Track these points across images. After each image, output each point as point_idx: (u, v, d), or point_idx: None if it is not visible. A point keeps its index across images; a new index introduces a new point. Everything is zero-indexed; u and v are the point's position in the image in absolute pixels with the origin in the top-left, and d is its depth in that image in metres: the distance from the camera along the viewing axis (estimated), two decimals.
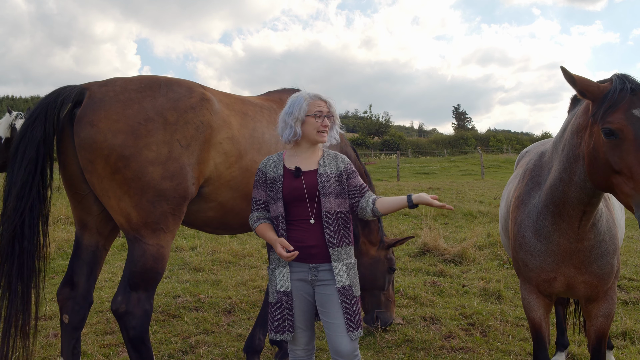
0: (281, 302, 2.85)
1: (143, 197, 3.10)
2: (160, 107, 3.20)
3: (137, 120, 3.11)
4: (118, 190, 3.09)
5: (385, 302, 4.97)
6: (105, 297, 5.87)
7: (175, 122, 3.21)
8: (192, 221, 3.68)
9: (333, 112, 2.97)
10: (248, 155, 3.60)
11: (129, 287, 3.17)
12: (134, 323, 3.15)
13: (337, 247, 2.83)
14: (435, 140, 71.67)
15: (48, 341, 4.56)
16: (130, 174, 3.07)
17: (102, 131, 3.05)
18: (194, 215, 3.58)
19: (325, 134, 2.93)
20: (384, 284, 4.92)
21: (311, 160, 2.95)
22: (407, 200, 2.82)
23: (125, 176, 3.07)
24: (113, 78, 3.36)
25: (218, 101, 3.57)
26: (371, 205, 2.89)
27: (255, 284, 6.45)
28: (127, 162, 3.06)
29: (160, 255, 3.21)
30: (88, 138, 3.06)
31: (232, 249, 8.22)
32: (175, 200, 3.19)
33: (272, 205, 2.89)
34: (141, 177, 3.09)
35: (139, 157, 3.08)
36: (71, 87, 3.26)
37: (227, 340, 4.71)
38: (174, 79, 3.49)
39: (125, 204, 3.11)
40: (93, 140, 3.05)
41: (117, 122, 3.08)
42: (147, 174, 3.09)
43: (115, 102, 3.13)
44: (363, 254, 4.88)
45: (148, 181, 3.10)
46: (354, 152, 4.79)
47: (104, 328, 4.95)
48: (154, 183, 3.11)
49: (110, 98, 3.14)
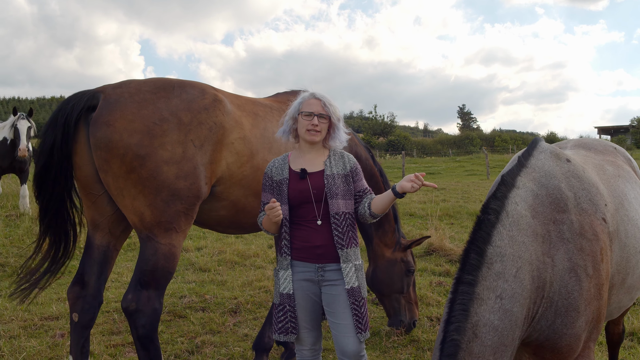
0: (284, 305, 2.84)
1: (157, 196, 3.15)
2: (175, 108, 3.26)
3: (152, 120, 3.16)
4: (133, 189, 3.13)
5: (407, 305, 4.83)
6: (112, 297, 5.88)
7: (189, 122, 3.26)
8: (204, 220, 3.71)
9: (330, 112, 2.85)
10: (259, 154, 3.63)
11: (139, 285, 3.20)
12: (143, 321, 3.18)
13: (346, 248, 2.82)
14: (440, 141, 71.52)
15: (55, 341, 4.58)
16: (146, 173, 3.12)
17: (118, 131, 3.11)
18: (206, 214, 3.62)
19: (316, 134, 2.83)
20: (402, 288, 4.75)
21: (317, 161, 2.92)
22: (392, 192, 2.76)
23: (141, 175, 3.12)
24: (127, 80, 3.43)
25: (230, 102, 3.62)
26: (367, 209, 2.85)
27: (261, 284, 6.46)
28: (143, 161, 3.11)
29: (171, 254, 3.25)
30: (104, 138, 3.11)
31: (237, 249, 8.23)
32: (188, 199, 3.23)
33: None
34: (156, 177, 3.13)
35: (154, 156, 3.13)
36: (83, 93, 3.32)
37: (233, 341, 4.72)
38: (187, 81, 3.55)
39: (139, 203, 3.15)
40: (109, 139, 3.10)
41: (132, 122, 3.13)
42: (162, 173, 3.14)
43: (130, 103, 3.19)
44: (378, 256, 4.76)
45: (163, 180, 3.14)
46: (367, 153, 4.76)
47: (111, 328, 4.97)
48: (168, 182, 3.15)
49: (125, 99, 3.20)
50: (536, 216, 2.33)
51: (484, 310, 2.06)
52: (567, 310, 2.30)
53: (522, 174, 2.47)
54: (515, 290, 2.13)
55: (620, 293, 2.80)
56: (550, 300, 2.29)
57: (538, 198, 2.39)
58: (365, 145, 4.80)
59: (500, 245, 2.18)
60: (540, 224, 2.32)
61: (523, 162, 2.55)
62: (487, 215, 2.28)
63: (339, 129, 2.94)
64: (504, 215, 2.26)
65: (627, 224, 2.80)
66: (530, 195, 2.38)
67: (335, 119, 2.90)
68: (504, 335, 2.07)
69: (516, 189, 2.37)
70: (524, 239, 2.24)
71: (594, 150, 3.38)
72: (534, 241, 2.26)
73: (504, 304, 2.10)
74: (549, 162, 2.59)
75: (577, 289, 2.31)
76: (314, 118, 2.82)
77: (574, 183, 2.55)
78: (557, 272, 2.30)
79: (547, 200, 2.40)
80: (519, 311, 2.13)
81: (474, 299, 2.07)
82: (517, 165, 2.53)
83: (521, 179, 2.43)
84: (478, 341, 2.03)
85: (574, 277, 2.31)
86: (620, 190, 2.93)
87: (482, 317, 2.05)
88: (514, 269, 2.16)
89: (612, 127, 67.78)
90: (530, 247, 2.24)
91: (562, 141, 3.70)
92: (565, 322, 2.30)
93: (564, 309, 2.30)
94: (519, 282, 2.15)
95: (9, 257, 7.23)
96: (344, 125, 3.00)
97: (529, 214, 2.32)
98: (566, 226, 2.37)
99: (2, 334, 4.65)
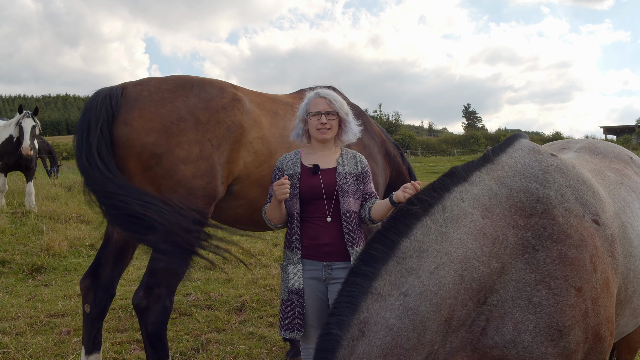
0: (292, 300, 2.82)
1: (173, 195, 3.15)
2: (193, 107, 3.25)
3: (169, 120, 3.17)
4: (149, 187, 3.15)
5: None
6: (117, 295, 5.85)
7: (207, 121, 3.25)
8: (223, 218, 3.72)
9: (336, 108, 2.85)
10: (278, 154, 3.61)
11: (150, 283, 3.20)
12: (153, 319, 3.19)
13: (356, 247, 2.81)
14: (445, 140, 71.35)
15: (61, 338, 4.58)
16: (162, 171, 3.13)
17: (135, 130, 3.12)
18: (224, 213, 3.63)
19: (327, 132, 2.84)
20: None
21: (329, 159, 2.91)
22: (389, 202, 2.74)
23: (157, 173, 3.13)
24: (147, 78, 3.44)
25: (249, 101, 3.60)
26: (367, 214, 2.86)
27: (266, 283, 6.46)
28: (159, 159, 3.12)
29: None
30: (122, 136, 3.13)
31: (243, 247, 8.21)
32: (204, 198, 3.23)
33: (287, 202, 2.86)
34: (172, 175, 3.14)
35: (170, 155, 3.13)
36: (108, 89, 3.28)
37: (238, 339, 4.71)
38: (207, 79, 3.54)
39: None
40: (127, 138, 3.12)
41: (150, 121, 3.14)
42: (178, 172, 3.15)
43: (148, 102, 3.19)
44: None
45: (179, 179, 3.15)
46: (396, 150, 4.77)
47: (116, 325, 4.98)
48: (184, 181, 3.15)
49: (144, 97, 3.21)
50: (488, 216, 2.04)
51: (379, 307, 1.81)
52: (541, 327, 1.98)
53: (483, 170, 2.19)
54: (428, 287, 1.86)
55: (624, 315, 2.49)
56: (501, 311, 1.98)
57: (495, 198, 2.10)
58: (394, 143, 4.83)
59: (423, 240, 1.93)
60: (493, 225, 2.03)
61: (490, 158, 2.26)
62: (409, 206, 2.03)
63: (349, 122, 2.94)
64: (438, 209, 2.00)
65: (631, 232, 2.49)
66: (486, 195, 2.09)
67: (343, 114, 2.89)
68: (402, 337, 1.79)
69: (468, 184, 2.10)
70: (462, 237, 1.96)
71: (602, 155, 3.14)
72: (476, 240, 1.97)
73: (407, 301, 1.83)
74: (526, 159, 2.29)
75: (553, 303, 1.99)
76: (322, 117, 2.83)
77: (557, 179, 2.23)
78: (507, 282, 2.00)
79: (507, 202, 2.10)
80: (428, 311, 1.84)
81: (368, 294, 1.82)
82: (481, 160, 2.25)
83: (479, 175, 2.15)
84: (365, 340, 1.77)
85: (543, 290, 1.99)
86: (621, 197, 2.65)
87: (374, 314, 1.80)
88: (432, 265, 1.89)
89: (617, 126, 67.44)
90: (469, 245, 1.96)
91: (570, 140, 3.56)
92: (541, 339, 1.98)
93: (534, 325, 1.98)
94: (435, 279, 1.88)
95: (15, 254, 7.25)
96: (354, 119, 2.99)
97: (478, 213, 2.03)
98: (532, 233, 2.06)
99: (8, 331, 4.66)
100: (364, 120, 4.46)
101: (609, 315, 2.14)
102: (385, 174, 4.55)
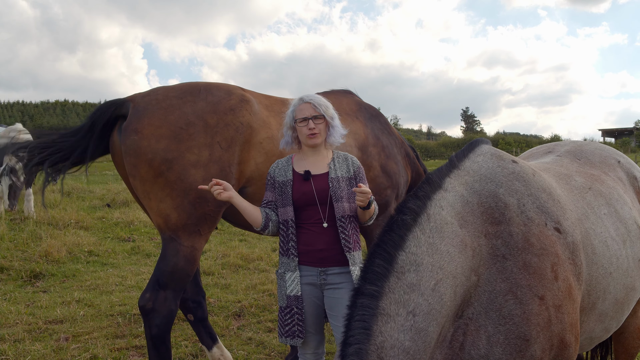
0: (291, 307, 2.83)
1: (185, 199, 3.21)
2: (201, 111, 3.32)
3: (178, 125, 3.24)
4: (160, 192, 3.21)
5: None
6: (116, 301, 5.89)
7: (215, 124, 3.31)
8: (238, 220, 3.73)
9: (322, 112, 2.85)
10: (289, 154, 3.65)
11: (157, 285, 3.24)
12: (158, 321, 3.22)
13: (353, 251, 2.82)
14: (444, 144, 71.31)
15: (59, 345, 4.58)
16: (173, 176, 3.19)
17: (146, 137, 3.19)
18: (240, 216, 3.63)
19: (316, 137, 2.84)
20: None
21: (321, 164, 2.91)
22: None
23: (168, 179, 3.19)
24: (155, 88, 3.52)
25: (258, 102, 3.65)
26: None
27: (265, 288, 6.46)
28: (170, 164, 3.19)
29: (192, 257, 3.29)
30: (133, 144, 3.20)
31: (241, 252, 8.23)
32: (215, 202, 3.27)
33: (281, 209, 2.87)
34: (184, 179, 3.20)
35: (181, 160, 3.20)
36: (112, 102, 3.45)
37: (237, 344, 4.72)
38: (214, 83, 3.59)
39: (165, 206, 3.21)
40: (137, 146, 3.19)
41: (160, 128, 3.22)
42: (189, 176, 3.20)
43: (157, 110, 3.27)
44: None
45: (190, 183, 3.20)
46: (413, 152, 4.86)
47: (115, 332, 4.97)
48: (196, 185, 3.19)
49: (153, 106, 3.29)
50: (465, 226, 2.01)
51: (391, 329, 1.72)
52: (510, 338, 1.96)
53: (452, 175, 2.17)
54: (433, 306, 1.80)
55: (590, 321, 2.49)
56: (476, 324, 1.96)
57: (468, 206, 2.07)
58: (410, 146, 4.90)
59: (416, 252, 1.86)
60: (470, 236, 2.00)
61: (455, 163, 2.24)
62: (402, 215, 1.94)
63: (335, 127, 2.93)
64: (424, 218, 1.94)
65: (594, 239, 2.48)
66: (459, 202, 2.07)
67: (329, 117, 2.89)
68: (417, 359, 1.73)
69: (443, 191, 2.07)
70: (449, 249, 1.92)
71: (585, 159, 3.11)
72: (461, 253, 1.94)
73: (417, 321, 1.76)
74: (489, 164, 2.28)
75: (520, 313, 1.96)
76: (309, 122, 2.84)
77: (519, 187, 2.22)
78: (481, 293, 1.98)
79: (478, 210, 2.08)
80: (434, 331, 1.80)
81: (378, 315, 1.73)
82: (448, 166, 2.23)
83: (450, 181, 2.13)
84: None
85: (511, 300, 1.97)
86: (585, 203, 2.63)
87: (389, 337, 1.71)
88: (432, 280, 1.82)
89: (616, 129, 67.64)
90: (457, 259, 1.92)
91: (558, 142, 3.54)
92: (510, 351, 1.96)
93: (504, 337, 1.95)
94: (437, 296, 1.82)
95: (13, 260, 7.24)
96: (340, 123, 2.98)
97: (456, 222, 1.99)
98: (501, 240, 2.04)
99: (7, 338, 4.66)
100: (383, 120, 4.55)
101: (573, 321, 2.15)
102: (406, 175, 4.62)
